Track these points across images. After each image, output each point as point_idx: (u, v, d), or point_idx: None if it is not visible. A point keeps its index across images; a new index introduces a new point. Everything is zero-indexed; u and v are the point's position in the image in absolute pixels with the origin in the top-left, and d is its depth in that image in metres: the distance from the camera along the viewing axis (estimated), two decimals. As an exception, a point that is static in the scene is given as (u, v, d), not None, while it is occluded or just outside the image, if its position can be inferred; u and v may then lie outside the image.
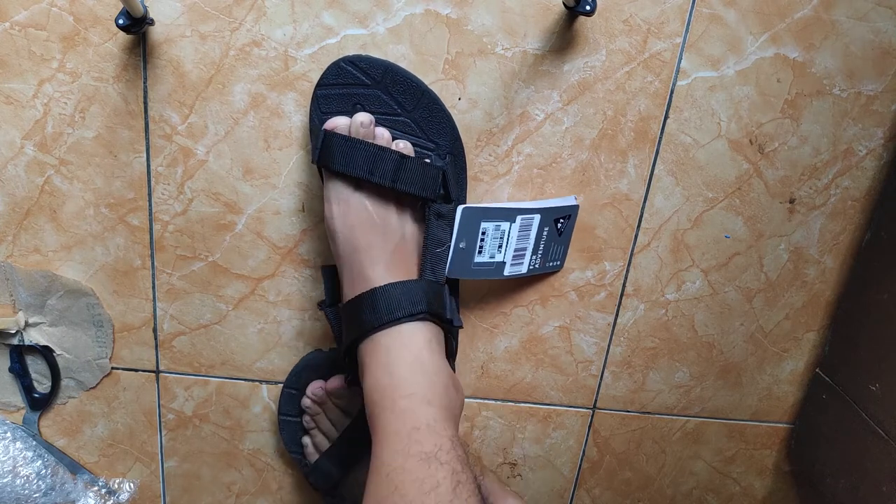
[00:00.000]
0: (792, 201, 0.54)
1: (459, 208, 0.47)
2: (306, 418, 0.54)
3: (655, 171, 0.52)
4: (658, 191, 0.52)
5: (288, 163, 0.50)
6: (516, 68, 0.48)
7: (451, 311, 0.46)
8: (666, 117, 0.50)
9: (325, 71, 0.45)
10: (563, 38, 0.48)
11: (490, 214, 0.48)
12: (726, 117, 0.50)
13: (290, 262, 0.53)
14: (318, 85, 0.45)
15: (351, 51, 0.47)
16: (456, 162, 0.48)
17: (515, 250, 0.50)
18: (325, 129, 0.44)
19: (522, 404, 0.59)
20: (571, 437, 0.61)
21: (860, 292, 0.54)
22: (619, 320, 0.56)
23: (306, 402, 0.53)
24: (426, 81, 0.48)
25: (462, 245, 0.48)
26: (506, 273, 0.51)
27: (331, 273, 0.49)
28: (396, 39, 0.47)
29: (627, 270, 0.55)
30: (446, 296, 0.46)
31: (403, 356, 0.42)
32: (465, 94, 0.48)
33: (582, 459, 0.62)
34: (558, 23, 0.47)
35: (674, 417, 0.61)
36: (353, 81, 0.45)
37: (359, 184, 0.44)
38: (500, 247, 0.50)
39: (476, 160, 0.50)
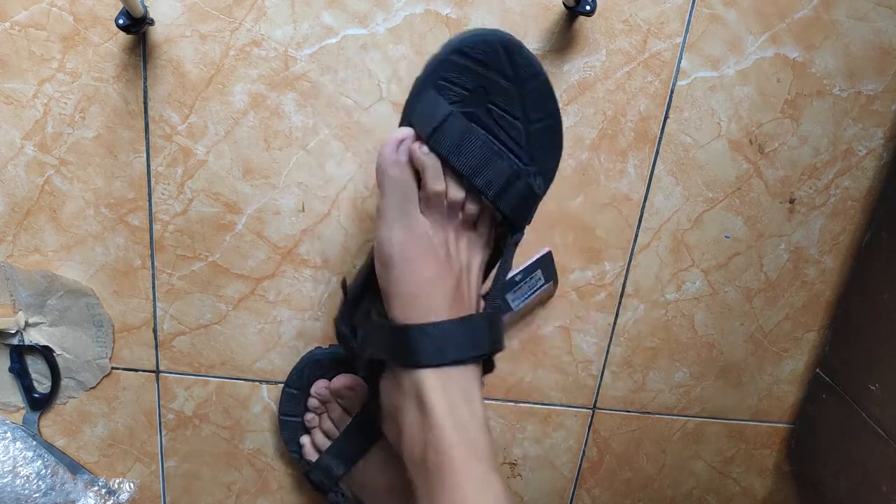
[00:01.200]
0: (792, 201, 0.54)
1: (545, 249, 0.50)
2: (309, 416, 0.54)
3: (655, 171, 0.52)
4: (658, 191, 0.52)
5: (288, 163, 0.50)
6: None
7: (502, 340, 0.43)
8: (666, 117, 0.50)
9: (472, 38, 0.39)
10: (563, 38, 0.48)
11: (546, 266, 0.51)
12: (726, 117, 0.50)
13: (290, 262, 0.53)
14: (456, 50, 0.39)
15: (350, 51, 0.47)
16: (543, 187, 0.43)
17: (524, 304, 0.53)
18: (453, 109, 0.39)
19: (522, 404, 0.59)
20: (571, 437, 0.61)
21: (860, 292, 0.54)
22: (619, 320, 0.56)
23: (313, 402, 0.53)
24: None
25: (517, 279, 0.49)
26: (504, 318, 0.53)
27: (353, 290, 0.47)
28: (396, 39, 0.47)
29: (627, 270, 0.55)
30: (504, 323, 0.44)
31: (459, 404, 0.39)
32: (465, 94, 0.48)
33: (582, 459, 0.62)
34: (558, 23, 0.47)
35: (674, 417, 0.61)
36: (496, 67, 0.39)
37: (425, 205, 0.40)
38: (525, 296, 0.52)
39: (476, 160, 0.50)
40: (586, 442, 0.61)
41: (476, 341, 0.40)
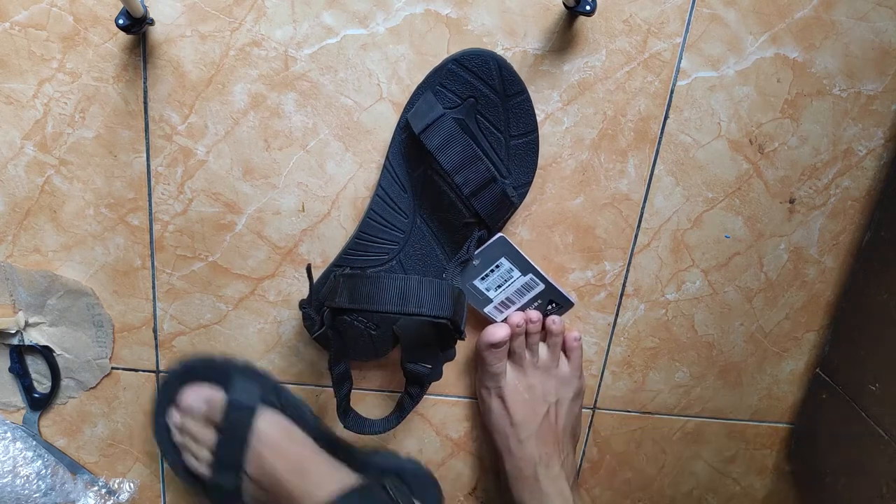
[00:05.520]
0: (792, 201, 0.54)
1: (497, 234, 0.49)
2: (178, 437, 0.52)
3: (655, 171, 0.52)
4: (658, 191, 0.52)
5: (288, 163, 0.50)
6: (516, 68, 0.48)
7: (464, 322, 0.45)
8: (666, 117, 0.50)
9: (471, 52, 0.45)
10: (563, 38, 0.48)
11: (513, 255, 0.50)
12: (726, 117, 0.50)
13: (290, 262, 0.53)
14: (455, 60, 0.45)
15: (351, 51, 0.47)
16: (517, 199, 0.49)
17: (506, 298, 0.52)
18: (446, 112, 0.44)
19: (522, 404, 0.59)
20: (571, 437, 0.61)
21: (860, 292, 0.54)
22: (619, 320, 0.56)
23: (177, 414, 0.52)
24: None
25: (475, 262, 0.50)
26: (485, 310, 0.53)
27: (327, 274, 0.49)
28: (396, 39, 0.47)
29: (627, 270, 0.55)
30: (465, 307, 0.45)
31: None
32: (465, 94, 0.48)
33: (582, 459, 0.62)
34: (558, 23, 0.47)
35: (674, 417, 0.61)
36: (486, 79, 0.45)
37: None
38: (498, 286, 0.52)
39: (476, 160, 0.50)
40: (586, 442, 0.61)
41: (441, 303, 0.42)
